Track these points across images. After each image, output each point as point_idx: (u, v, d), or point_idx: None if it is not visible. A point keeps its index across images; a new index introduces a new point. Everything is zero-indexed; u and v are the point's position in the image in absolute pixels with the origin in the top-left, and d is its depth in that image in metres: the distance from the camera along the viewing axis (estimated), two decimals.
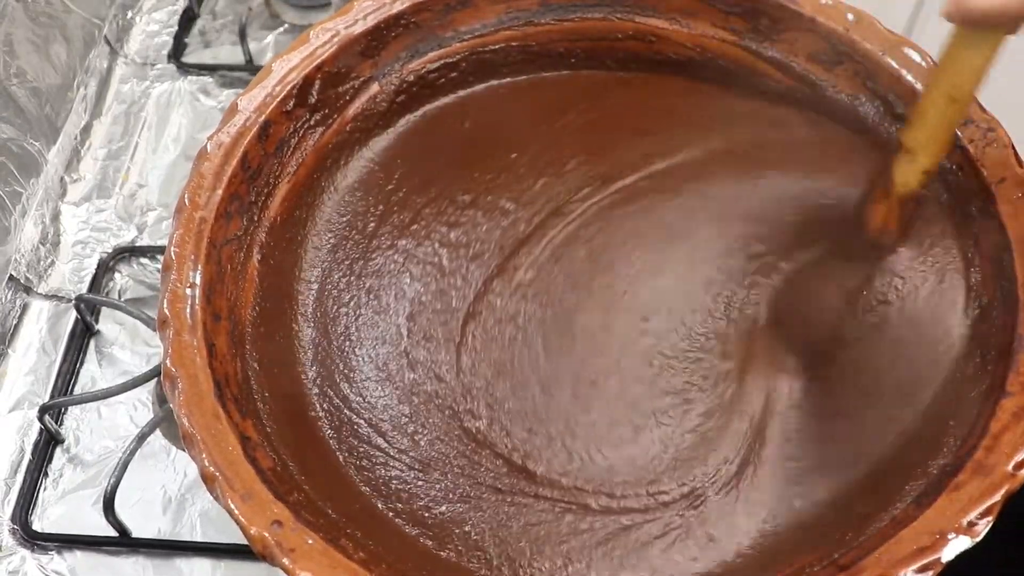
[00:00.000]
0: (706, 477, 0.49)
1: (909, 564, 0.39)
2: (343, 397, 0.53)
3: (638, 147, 0.60)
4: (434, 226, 0.59)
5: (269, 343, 0.52)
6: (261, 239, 0.53)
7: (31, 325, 0.68)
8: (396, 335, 0.54)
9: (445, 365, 0.53)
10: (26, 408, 0.64)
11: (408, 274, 0.57)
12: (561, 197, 0.58)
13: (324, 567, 0.40)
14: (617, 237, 0.57)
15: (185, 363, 0.45)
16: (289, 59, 0.55)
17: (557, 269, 0.56)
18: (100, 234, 0.72)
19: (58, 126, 0.74)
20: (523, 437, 0.51)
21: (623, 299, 0.55)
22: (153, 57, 0.83)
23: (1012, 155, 0.50)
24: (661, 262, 0.56)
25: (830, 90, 0.58)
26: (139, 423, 0.63)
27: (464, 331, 0.54)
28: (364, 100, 0.59)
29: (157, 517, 0.60)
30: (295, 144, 0.56)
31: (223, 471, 0.42)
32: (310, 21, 0.84)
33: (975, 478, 0.42)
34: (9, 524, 0.60)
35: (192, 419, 0.43)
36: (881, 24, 0.56)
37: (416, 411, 0.52)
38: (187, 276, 0.47)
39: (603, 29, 0.62)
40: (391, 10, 0.58)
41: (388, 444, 0.51)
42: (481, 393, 0.52)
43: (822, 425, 0.51)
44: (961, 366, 0.49)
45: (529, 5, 0.61)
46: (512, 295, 0.55)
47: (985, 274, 0.50)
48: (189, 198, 0.50)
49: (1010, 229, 0.49)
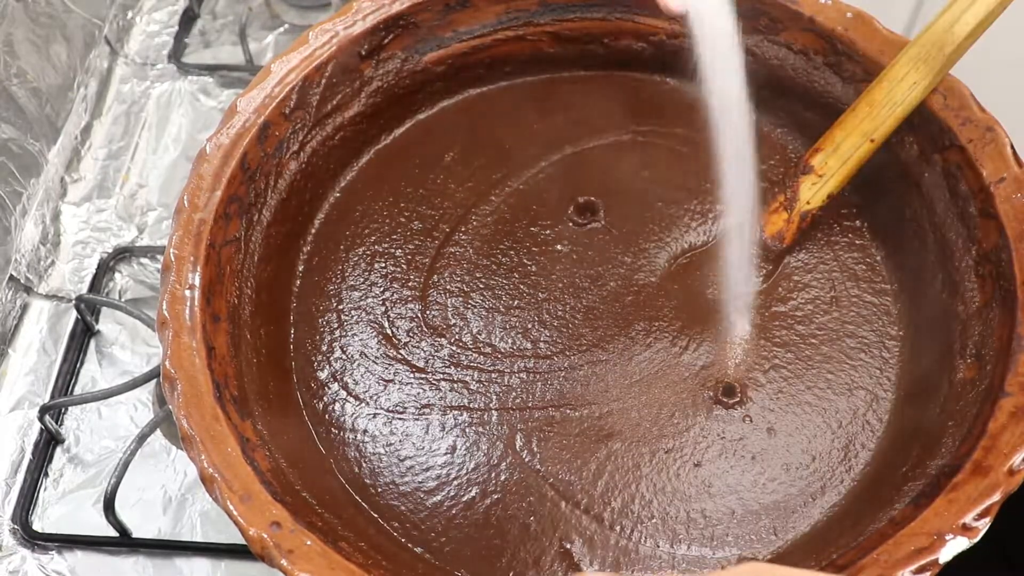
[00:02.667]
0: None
1: (907, 565, 0.40)
2: (340, 399, 0.53)
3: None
4: (433, 228, 0.59)
5: (268, 344, 0.52)
6: (260, 240, 0.54)
7: (31, 325, 0.68)
8: (392, 339, 0.55)
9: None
10: (26, 408, 0.64)
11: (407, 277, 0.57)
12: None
13: (323, 568, 0.40)
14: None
15: (184, 364, 0.45)
16: (288, 60, 0.55)
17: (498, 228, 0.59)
18: (100, 234, 0.72)
19: (58, 126, 0.74)
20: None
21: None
22: (153, 57, 0.83)
23: (1011, 155, 0.50)
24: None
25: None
26: (139, 423, 0.63)
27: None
28: (364, 101, 0.60)
29: (157, 517, 0.60)
30: (294, 145, 0.56)
31: (222, 472, 0.42)
32: (310, 21, 0.84)
33: (973, 478, 0.42)
34: (9, 524, 0.60)
35: (191, 420, 0.43)
36: (880, 24, 0.56)
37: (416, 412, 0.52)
38: (186, 277, 0.47)
39: (603, 29, 0.62)
40: (390, 10, 0.58)
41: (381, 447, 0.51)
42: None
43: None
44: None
45: (528, 5, 0.61)
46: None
47: (984, 273, 0.50)
48: (188, 199, 0.50)
49: (1008, 229, 0.49)
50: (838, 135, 0.54)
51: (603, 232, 0.58)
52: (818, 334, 0.54)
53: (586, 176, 0.61)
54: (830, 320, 0.55)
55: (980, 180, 0.50)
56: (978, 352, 0.48)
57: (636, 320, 0.55)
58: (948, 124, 0.52)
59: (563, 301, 0.55)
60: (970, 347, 0.49)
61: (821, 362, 0.53)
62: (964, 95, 0.52)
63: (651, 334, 0.54)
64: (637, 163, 0.61)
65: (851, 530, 0.45)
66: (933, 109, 0.53)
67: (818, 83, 0.59)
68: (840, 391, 0.52)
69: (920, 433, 0.49)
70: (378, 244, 0.58)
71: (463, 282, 0.57)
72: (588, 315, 0.55)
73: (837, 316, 0.55)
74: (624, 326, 0.54)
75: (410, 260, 0.58)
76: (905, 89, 0.52)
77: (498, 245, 0.58)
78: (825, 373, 0.53)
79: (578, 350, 0.54)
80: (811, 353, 0.54)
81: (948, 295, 0.52)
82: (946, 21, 0.51)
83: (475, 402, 0.52)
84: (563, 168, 0.61)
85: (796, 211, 0.55)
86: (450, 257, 0.58)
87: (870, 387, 0.53)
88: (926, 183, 0.54)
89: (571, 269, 0.57)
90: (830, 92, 0.58)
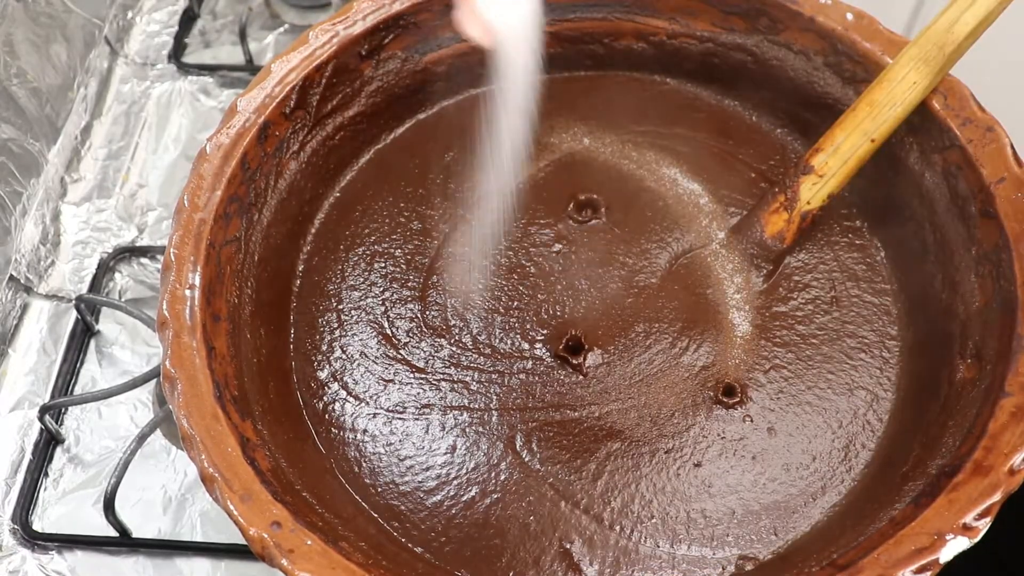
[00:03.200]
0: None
1: (907, 564, 0.40)
2: (340, 399, 0.53)
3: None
4: (433, 228, 0.59)
5: (268, 344, 0.52)
6: (260, 240, 0.54)
7: (31, 325, 0.68)
8: (392, 339, 0.55)
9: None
10: (26, 408, 0.64)
11: (407, 277, 0.57)
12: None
13: (323, 568, 0.40)
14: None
15: (184, 364, 0.45)
16: (288, 60, 0.55)
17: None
18: (100, 234, 0.72)
19: (58, 126, 0.74)
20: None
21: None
22: (153, 57, 0.83)
23: (1011, 155, 0.50)
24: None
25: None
26: (139, 423, 0.63)
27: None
28: (364, 101, 0.59)
29: (157, 517, 0.60)
30: (294, 145, 0.56)
31: (222, 472, 0.42)
32: (310, 21, 0.84)
33: (974, 478, 0.42)
34: (9, 524, 0.60)
35: (191, 420, 0.43)
36: (881, 24, 0.56)
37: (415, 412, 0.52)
38: (186, 277, 0.47)
39: (603, 29, 0.62)
40: (390, 10, 0.58)
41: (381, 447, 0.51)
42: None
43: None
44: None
45: None
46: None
47: (984, 273, 0.50)
48: (188, 199, 0.50)
49: (1008, 229, 0.49)
50: (838, 135, 0.54)
51: (603, 232, 0.58)
52: (818, 334, 0.54)
53: (586, 176, 0.61)
54: (830, 320, 0.55)
55: (980, 180, 0.50)
56: (978, 352, 0.48)
57: (636, 321, 0.55)
58: (948, 124, 0.52)
59: (563, 302, 0.55)
60: (970, 347, 0.49)
61: (821, 362, 0.53)
62: (964, 95, 0.53)
63: (651, 335, 0.54)
64: (637, 163, 0.61)
65: (851, 530, 0.45)
66: (933, 109, 0.53)
67: (818, 83, 0.59)
68: (840, 391, 0.52)
69: (920, 433, 0.48)
70: (378, 244, 0.58)
71: (463, 282, 0.57)
72: (588, 316, 0.55)
73: (837, 316, 0.55)
74: (624, 327, 0.54)
75: (410, 260, 0.58)
76: (905, 89, 0.52)
77: (498, 245, 0.58)
78: (825, 373, 0.53)
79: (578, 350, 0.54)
80: (811, 353, 0.54)
81: (948, 295, 0.52)
82: (946, 21, 0.51)
83: (475, 402, 0.52)
84: (563, 168, 0.61)
85: (796, 211, 0.55)
86: (450, 257, 0.58)
87: (870, 387, 0.53)
88: (926, 183, 0.54)
89: (571, 270, 0.57)
90: (830, 92, 0.58)
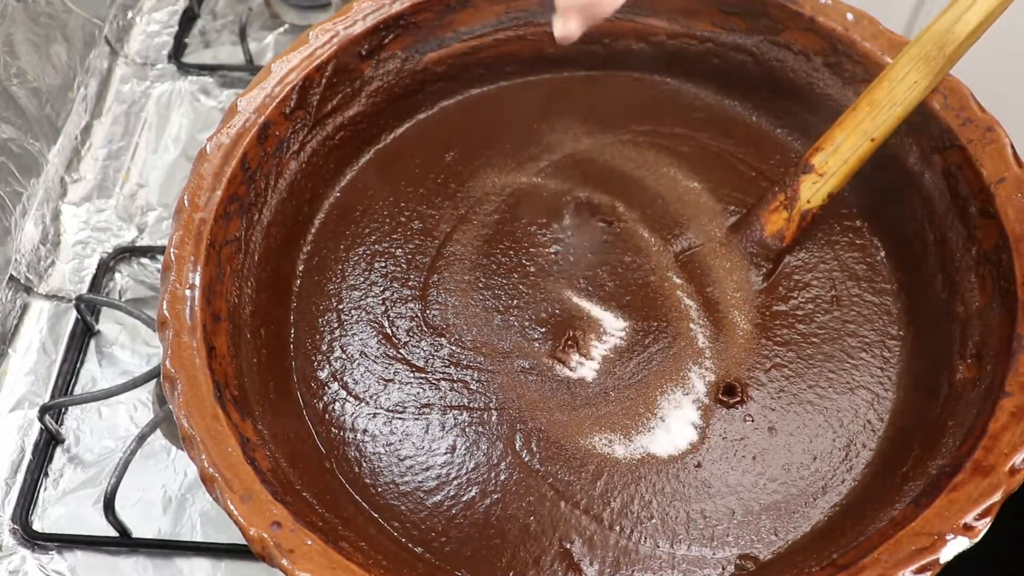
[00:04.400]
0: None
1: (908, 565, 0.40)
2: (340, 399, 0.53)
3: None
4: (433, 227, 0.59)
5: (268, 344, 0.52)
6: (260, 240, 0.53)
7: (31, 325, 0.68)
8: (392, 339, 0.55)
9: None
10: (26, 408, 0.64)
11: (408, 276, 0.57)
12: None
13: (323, 567, 0.40)
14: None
15: (185, 364, 0.45)
16: (288, 60, 0.55)
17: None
18: (100, 234, 0.72)
19: (58, 126, 0.74)
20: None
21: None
22: (153, 57, 0.83)
23: (1011, 155, 0.50)
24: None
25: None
26: (139, 423, 0.63)
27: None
28: (364, 101, 0.60)
29: (157, 517, 0.60)
30: (294, 145, 0.56)
31: (222, 472, 0.42)
32: (310, 21, 0.84)
33: (974, 478, 0.42)
34: (9, 524, 0.60)
35: (192, 420, 0.43)
36: (881, 24, 0.56)
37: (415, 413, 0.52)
38: (186, 277, 0.47)
39: (603, 29, 0.62)
40: (390, 10, 0.58)
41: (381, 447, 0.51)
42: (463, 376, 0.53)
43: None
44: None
45: (529, 5, 0.61)
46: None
47: (984, 273, 0.50)
48: (189, 199, 0.50)
49: (1009, 229, 0.49)
50: (838, 135, 0.54)
51: (603, 232, 0.58)
52: (819, 333, 0.54)
53: (586, 176, 0.61)
54: (831, 319, 0.55)
55: (980, 180, 0.51)
56: (978, 352, 0.48)
57: (636, 320, 0.55)
58: (948, 124, 0.52)
59: (562, 301, 0.55)
60: (970, 347, 0.49)
61: (822, 361, 0.53)
62: (964, 95, 0.53)
63: (650, 334, 0.54)
64: (637, 163, 0.61)
65: (852, 530, 0.45)
66: (933, 109, 0.53)
67: (818, 83, 0.59)
68: (841, 390, 0.52)
69: (920, 433, 0.49)
70: (378, 244, 0.58)
71: (463, 282, 0.57)
72: (588, 315, 0.55)
73: (838, 315, 0.55)
74: (624, 326, 0.54)
75: (410, 260, 0.58)
76: (905, 89, 0.52)
77: (498, 245, 0.58)
78: (826, 372, 0.53)
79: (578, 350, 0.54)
80: (812, 352, 0.54)
81: (948, 295, 0.52)
82: (947, 21, 0.51)
83: (475, 402, 0.52)
84: (563, 168, 0.61)
85: (796, 210, 0.55)
86: (450, 257, 0.58)
87: (871, 386, 0.53)
88: (926, 183, 0.54)
89: (571, 269, 0.57)
90: (830, 93, 0.58)
